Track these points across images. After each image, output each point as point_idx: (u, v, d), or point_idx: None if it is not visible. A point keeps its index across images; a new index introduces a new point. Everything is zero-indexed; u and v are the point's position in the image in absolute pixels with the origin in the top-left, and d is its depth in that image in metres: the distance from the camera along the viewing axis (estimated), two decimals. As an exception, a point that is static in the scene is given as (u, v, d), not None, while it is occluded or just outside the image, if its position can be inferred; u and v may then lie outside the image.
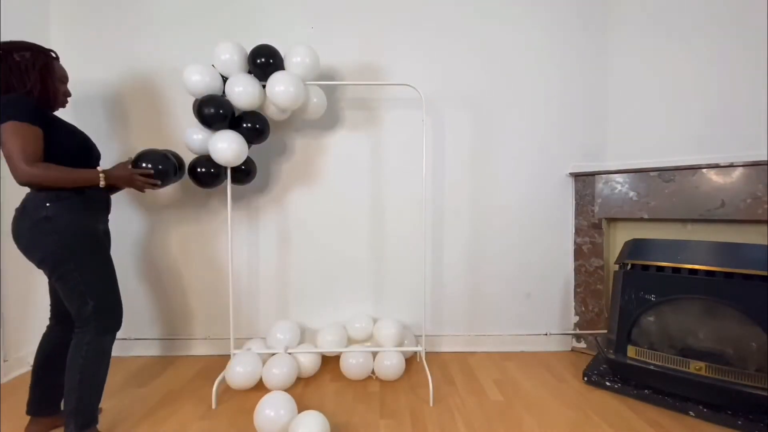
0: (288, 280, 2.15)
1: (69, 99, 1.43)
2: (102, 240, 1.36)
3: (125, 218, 2.08)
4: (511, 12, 2.12)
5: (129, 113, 2.09)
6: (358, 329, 1.99)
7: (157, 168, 1.46)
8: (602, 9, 2.12)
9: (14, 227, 1.26)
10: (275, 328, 1.93)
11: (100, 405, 1.40)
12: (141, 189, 1.44)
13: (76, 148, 1.33)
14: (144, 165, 1.44)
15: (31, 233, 1.23)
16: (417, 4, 2.10)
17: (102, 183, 1.30)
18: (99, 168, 1.33)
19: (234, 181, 1.80)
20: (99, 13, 2.07)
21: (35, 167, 1.18)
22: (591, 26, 2.12)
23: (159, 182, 1.47)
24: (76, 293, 1.27)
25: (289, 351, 1.81)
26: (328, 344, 1.91)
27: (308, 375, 1.85)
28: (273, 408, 1.35)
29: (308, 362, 1.83)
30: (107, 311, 1.32)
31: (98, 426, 1.34)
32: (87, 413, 1.29)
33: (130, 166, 1.43)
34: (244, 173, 1.82)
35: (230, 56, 1.68)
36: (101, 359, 1.32)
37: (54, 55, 1.34)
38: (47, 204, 1.23)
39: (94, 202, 1.36)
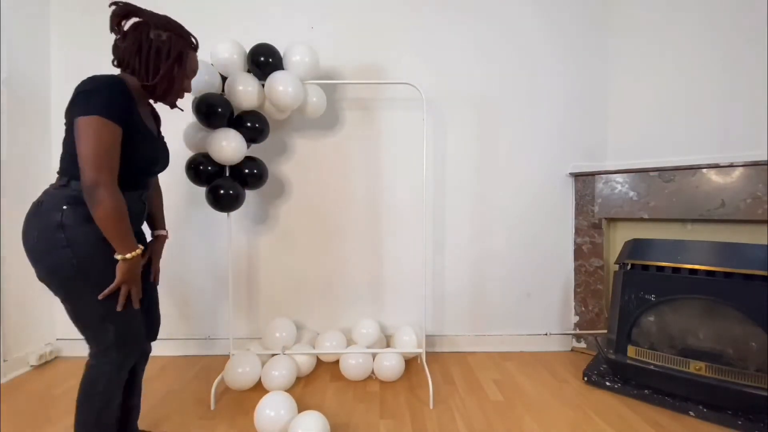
0: (287, 280, 2.15)
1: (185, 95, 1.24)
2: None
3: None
4: (511, 12, 2.12)
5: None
6: (364, 335, 1.96)
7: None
8: (603, 9, 2.12)
9: (25, 224, 1.03)
10: (272, 326, 1.92)
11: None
12: (125, 293, 1.06)
13: (145, 161, 1.14)
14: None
15: (39, 240, 1.00)
16: (419, 6, 2.10)
17: (128, 256, 1.03)
18: (137, 247, 1.05)
19: (246, 185, 1.78)
20: (98, 12, 2.06)
21: (110, 190, 0.97)
22: (591, 26, 2.12)
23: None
24: (92, 318, 1.04)
25: (287, 352, 1.80)
26: (328, 348, 1.90)
27: (306, 373, 1.86)
28: (273, 408, 1.35)
29: (305, 361, 1.84)
30: (130, 337, 1.09)
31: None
32: None
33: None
34: (255, 177, 1.79)
35: (229, 55, 1.68)
36: (117, 393, 1.11)
37: (194, 43, 1.18)
38: (63, 207, 1.00)
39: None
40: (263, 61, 1.69)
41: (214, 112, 1.63)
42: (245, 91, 1.65)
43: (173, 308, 2.12)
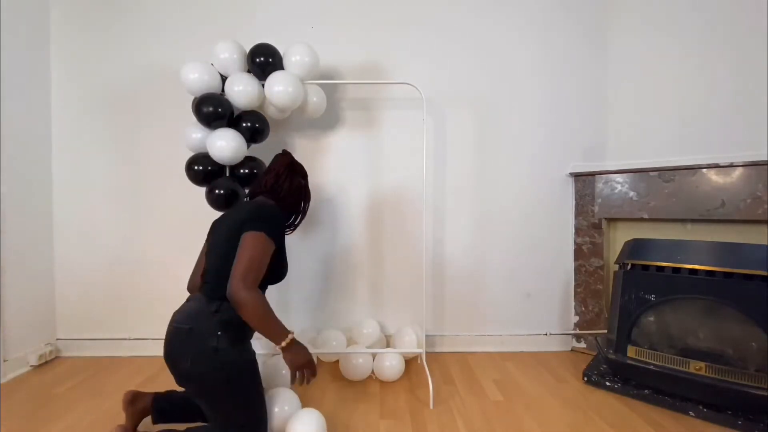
0: (287, 280, 2.13)
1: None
2: (258, 372, 1.25)
3: (120, 215, 2.08)
4: (510, 13, 2.12)
5: (128, 112, 2.09)
6: (364, 335, 1.97)
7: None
8: (603, 9, 2.12)
9: (177, 346, 1.16)
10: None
11: None
12: (302, 379, 1.23)
13: (276, 275, 1.36)
14: None
15: (196, 362, 1.13)
16: (418, 5, 2.10)
17: (282, 345, 1.17)
18: (291, 331, 1.21)
19: (246, 185, 1.78)
20: (98, 12, 2.07)
21: (254, 292, 1.13)
22: (590, 26, 2.12)
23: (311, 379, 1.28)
24: (225, 419, 1.18)
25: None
26: (328, 348, 1.90)
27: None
28: (277, 404, 1.34)
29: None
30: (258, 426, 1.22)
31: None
32: None
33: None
34: (255, 177, 1.80)
35: (229, 55, 1.68)
36: None
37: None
38: (219, 333, 1.13)
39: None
40: (263, 61, 1.69)
41: (214, 112, 1.63)
42: (245, 91, 1.65)
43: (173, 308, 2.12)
